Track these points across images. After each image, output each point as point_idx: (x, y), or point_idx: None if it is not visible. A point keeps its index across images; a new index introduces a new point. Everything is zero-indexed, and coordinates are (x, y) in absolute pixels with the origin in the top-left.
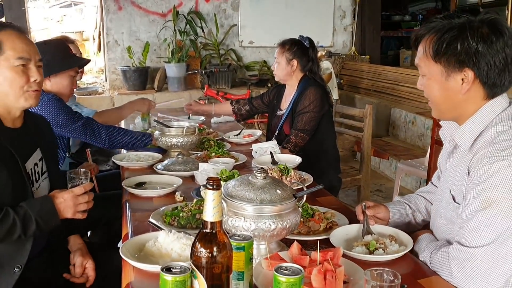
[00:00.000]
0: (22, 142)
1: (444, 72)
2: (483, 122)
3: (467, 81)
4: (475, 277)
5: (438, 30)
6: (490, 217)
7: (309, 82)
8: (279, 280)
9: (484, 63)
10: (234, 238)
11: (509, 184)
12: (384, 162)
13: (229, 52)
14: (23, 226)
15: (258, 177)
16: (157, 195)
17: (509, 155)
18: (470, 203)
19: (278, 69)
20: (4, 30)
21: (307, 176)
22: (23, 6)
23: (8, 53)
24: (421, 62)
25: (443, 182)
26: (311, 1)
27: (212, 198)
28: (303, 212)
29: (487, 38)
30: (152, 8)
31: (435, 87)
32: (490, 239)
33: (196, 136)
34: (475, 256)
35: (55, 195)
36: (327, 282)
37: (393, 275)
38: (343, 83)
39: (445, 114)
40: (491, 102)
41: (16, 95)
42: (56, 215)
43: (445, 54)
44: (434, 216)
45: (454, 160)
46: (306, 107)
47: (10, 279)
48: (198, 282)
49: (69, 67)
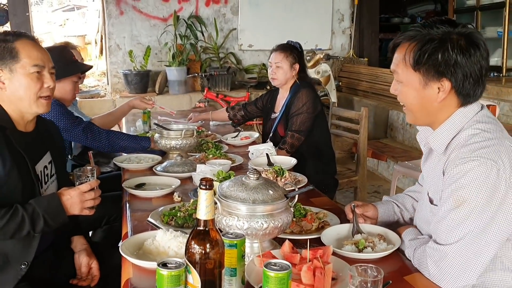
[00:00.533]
0: (33, 145)
1: (422, 80)
2: (456, 127)
3: (443, 90)
4: (450, 274)
5: (418, 40)
6: (462, 216)
7: (301, 84)
8: (268, 275)
9: (461, 74)
10: (227, 236)
11: (479, 183)
12: (382, 164)
13: (229, 56)
14: (31, 223)
15: (251, 178)
16: (156, 195)
17: (479, 155)
18: (444, 203)
19: (280, 73)
20: (20, 39)
21: (302, 177)
22: (27, 12)
23: (24, 61)
24: (399, 69)
25: (424, 184)
26: (309, 5)
27: (204, 198)
28: (296, 212)
29: (466, 51)
30: (153, 12)
31: (411, 94)
32: (461, 236)
33: (195, 138)
34: (448, 253)
35: (62, 192)
36: (316, 279)
37: (376, 271)
38: (342, 85)
39: (419, 120)
40: (464, 108)
41: (30, 100)
42: (63, 211)
43: (425, 64)
44: (416, 216)
45: (431, 163)
46: (299, 108)
47: (16, 274)
48: (192, 277)
49: (72, 73)
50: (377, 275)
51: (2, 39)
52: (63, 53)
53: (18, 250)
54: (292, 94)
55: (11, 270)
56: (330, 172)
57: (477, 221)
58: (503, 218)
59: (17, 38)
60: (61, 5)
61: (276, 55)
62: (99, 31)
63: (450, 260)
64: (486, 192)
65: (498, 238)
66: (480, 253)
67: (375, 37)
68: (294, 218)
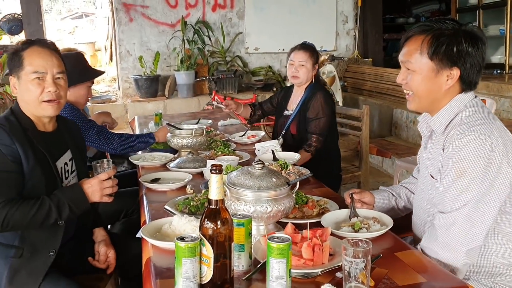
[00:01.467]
0: (53, 144)
1: (435, 68)
2: (454, 110)
3: (452, 78)
4: (460, 237)
5: (433, 33)
6: (464, 184)
7: (316, 87)
8: (271, 246)
9: (469, 64)
10: (235, 217)
11: (476, 154)
12: (386, 161)
13: (235, 59)
14: (58, 211)
15: (256, 168)
16: (171, 188)
17: (475, 131)
18: (446, 175)
19: (303, 72)
20: (29, 47)
21: (305, 170)
22: (40, 21)
23: (27, 68)
24: (412, 58)
25: (423, 169)
26: (314, 7)
27: (215, 180)
28: (298, 199)
29: (475, 44)
30: (162, 19)
31: (422, 81)
32: (466, 202)
33: (204, 137)
34: (456, 218)
35: (83, 182)
36: (315, 254)
37: (366, 243)
38: (347, 85)
39: (423, 106)
40: (461, 95)
41: (34, 104)
42: (86, 199)
43: (442, 53)
44: (417, 205)
45: (431, 146)
46: (319, 112)
47: (47, 261)
48: (206, 249)
49: (87, 79)
50: (367, 246)
51: (14, 50)
52: (78, 59)
53: (45, 239)
54: (307, 95)
55: (41, 258)
56: (335, 169)
57: (478, 187)
58: (500, 184)
59: (28, 46)
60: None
61: (301, 54)
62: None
63: (459, 225)
64: (483, 162)
65: (497, 203)
66: (483, 216)
67: (379, 38)
68: (297, 205)
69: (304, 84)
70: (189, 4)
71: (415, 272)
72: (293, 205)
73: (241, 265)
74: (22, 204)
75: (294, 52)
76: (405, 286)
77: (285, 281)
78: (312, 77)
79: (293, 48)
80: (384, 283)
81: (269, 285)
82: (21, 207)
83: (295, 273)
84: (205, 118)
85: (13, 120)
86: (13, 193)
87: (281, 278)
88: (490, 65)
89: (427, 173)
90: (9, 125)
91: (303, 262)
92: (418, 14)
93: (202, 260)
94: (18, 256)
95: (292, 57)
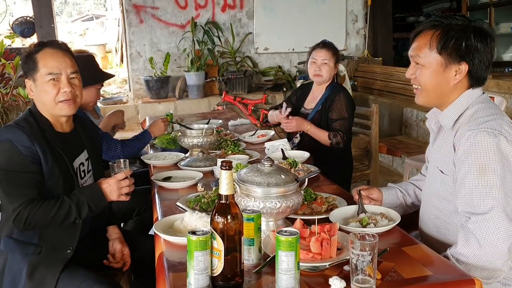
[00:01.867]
0: (70, 144)
1: (443, 63)
2: (463, 106)
3: (460, 73)
4: (500, 235)
5: (443, 28)
6: (490, 181)
7: (337, 86)
8: (280, 239)
9: (478, 59)
10: (245, 212)
11: (493, 150)
12: (397, 160)
13: (245, 59)
14: (78, 210)
15: (265, 165)
16: (182, 186)
17: (486, 127)
18: (467, 175)
19: (326, 70)
20: (42, 50)
21: (314, 168)
22: (52, 23)
23: (42, 70)
24: (421, 53)
25: (431, 164)
26: (323, 7)
27: (225, 176)
28: (307, 196)
29: (484, 40)
30: (172, 20)
31: (431, 76)
32: (498, 197)
33: (214, 136)
34: (494, 216)
35: (101, 181)
36: (323, 248)
37: (372, 237)
38: (357, 84)
39: (431, 100)
40: (470, 90)
41: (51, 105)
42: (104, 198)
43: (450, 48)
44: (425, 200)
45: (440, 141)
46: (343, 112)
47: (63, 258)
48: (216, 242)
49: (97, 81)
50: (374, 239)
51: (27, 53)
52: (89, 61)
53: (63, 237)
54: (329, 94)
55: (59, 255)
56: (347, 169)
57: (502, 182)
58: None
59: (41, 48)
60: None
61: (323, 52)
62: (119, 39)
63: (498, 222)
64: (501, 157)
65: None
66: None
67: (389, 37)
68: (306, 201)
69: (325, 83)
70: (198, 5)
71: (421, 265)
72: (301, 201)
73: (251, 259)
74: (43, 204)
75: (317, 50)
76: (411, 279)
77: (294, 273)
78: (333, 76)
79: (315, 46)
80: (391, 276)
81: (278, 277)
82: (42, 207)
83: (304, 266)
84: (215, 118)
85: (32, 121)
86: (34, 194)
87: (289, 271)
88: (501, 63)
89: (435, 168)
90: (29, 127)
91: (311, 256)
92: (428, 13)
93: (213, 253)
94: (37, 253)
95: (314, 55)
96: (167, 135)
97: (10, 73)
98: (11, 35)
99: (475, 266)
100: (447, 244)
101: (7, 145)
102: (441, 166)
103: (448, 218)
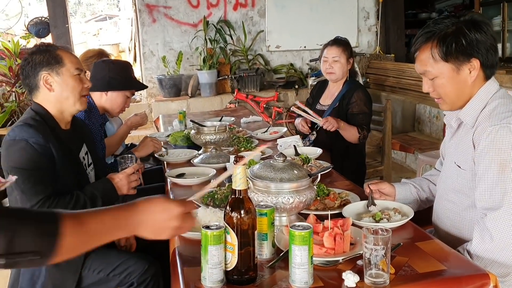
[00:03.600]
0: (73, 140)
1: (454, 67)
2: (482, 101)
3: (474, 69)
4: None
5: (437, 36)
6: (510, 177)
7: (355, 83)
8: (293, 233)
9: (484, 49)
10: (258, 207)
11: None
12: (410, 156)
13: (257, 57)
14: (92, 204)
15: (278, 160)
16: (196, 183)
17: (507, 122)
18: (487, 170)
19: (337, 67)
20: (59, 49)
21: (326, 164)
22: (66, 23)
23: (68, 65)
24: (428, 67)
25: (448, 159)
26: (335, 4)
27: (238, 171)
28: (320, 191)
29: (480, 28)
30: (184, 19)
31: (448, 84)
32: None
33: (227, 133)
34: (507, 212)
35: (112, 177)
36: (336, 243)
37: (386, 231)
38: (370, 81)
39: (456, 105)
40: (487, 84)
41: (75, 99)
42: (116, 192)
43: (454, 51)
44: (440, 194)
45: (458, 137)
46: (363, 107)
47: None
48: (230, 237)
49: (128, 88)
50: (387, 234)
51: (45, 49)
52: (125, 67)
53: None
54: (347, 90)
55: None
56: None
57: None
58: None
59: (56, 48)
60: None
61: (334, 49)
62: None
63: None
64: None
65: None
66: None
67: (401, 33)
68: (318, 197)
69: (340, 80)
70: (210, 3)
71: (435, 260)
72: (314, 196)
73: (265, 254)
74: (60, 200)
75: (327, 48)
76: (425, 273)
77: (307, 267)
78: (347, 71)
79: (326, 44)
80: (405, 270)
81: (292, 271)
82: (59, 203)
83: (317, 261)
84: (228, 116)
85: (40, 120)
86: (50, 190)
87: (303, 265)
88: None
89: (452, 163)
90: (40, 125)
91: (324, 251)
92: (441, 9)
93: (227, 247)
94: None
95: (325, 53)
96: (180, 132)
97: None
98: (27, 36)
99: (491, 261)
100: (461, 238)
101: (22, 144)
102: (459, 161)
103: (463, 212)
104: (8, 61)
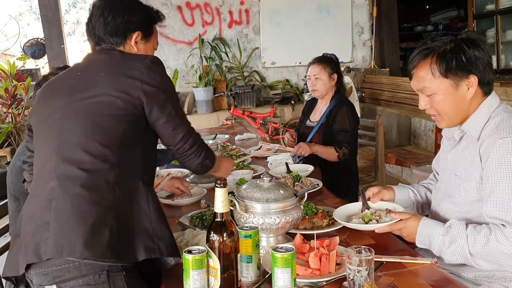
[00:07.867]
0: None
1: (453, 83)
2: (486, 114)
3: (472, 86)
4: None
5: (436, 52)
6: None
7: (342, 99)
8: (275, 256)
9: (482, 66)
10: (243, 228)
11: None
12: (406, 170)
13: (253, 74)
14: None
15: (265, 180)
16: (185, 203)
17: None
18: (499, 183)
19: (320, 84)
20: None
21: (317, 181)
22: (62, 44)
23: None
24: (427, 83)
25: (447, 171)
26: (329, 20)
27: (220, 194)
28: (308, 210)
29: (478, 46)
30: (179, 37)
31: (447, 100)
32: None
33: (219, 151)
34: None
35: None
36: (322, 263)
37: (368, 251)
38: (365, 96)
39: (454, 121)
40: (488, 99)
41: None
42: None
43: (453, 68)
44: (436, 205)
45: (459, 149)
46: (346, 125)
47: None
48: (213, 261)
49: None
50: (369, 254)
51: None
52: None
53: None
54: (333, 106)
55: None
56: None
57: None
58: None
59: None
60: None
61: (314, 68)
62: None
63: None
64: None
65: None
66: None
67: (396, 47)
68: (307, 215)
69: (326, 95)
70: (205, 21)
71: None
72: (301, 216)
73: (250, 276)
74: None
75: (311, 67)
76: None
77: None
78: (332, 87)
79: (310, 63)
80: None
81: None
82: None
83: (302, 282)
84: (223, 133)
85: None
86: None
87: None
88: (509, 70)
89: (452, 175)
90: None
91: (310, 272)
92: (436, 22)
93: (209, 271)
94: None
95: (309, 72)
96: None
97: (22, 94)
98: (23, 57)
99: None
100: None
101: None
102: (460, 173)
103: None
104: (4, 83)
